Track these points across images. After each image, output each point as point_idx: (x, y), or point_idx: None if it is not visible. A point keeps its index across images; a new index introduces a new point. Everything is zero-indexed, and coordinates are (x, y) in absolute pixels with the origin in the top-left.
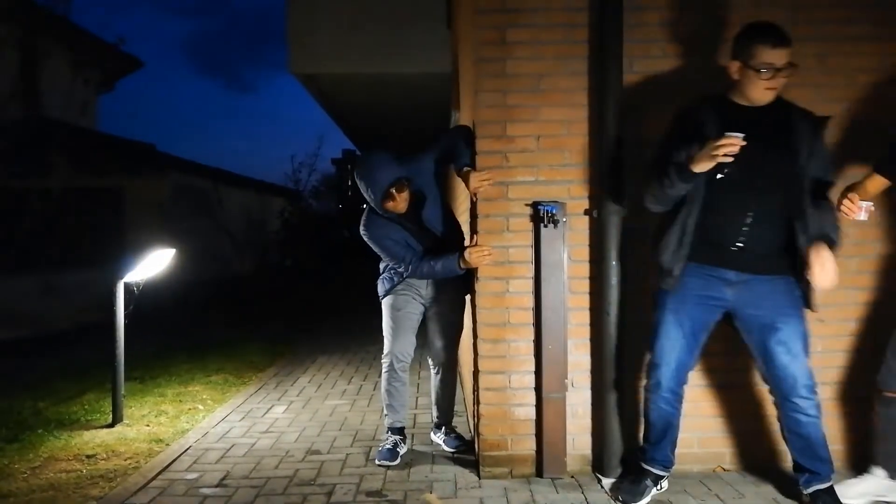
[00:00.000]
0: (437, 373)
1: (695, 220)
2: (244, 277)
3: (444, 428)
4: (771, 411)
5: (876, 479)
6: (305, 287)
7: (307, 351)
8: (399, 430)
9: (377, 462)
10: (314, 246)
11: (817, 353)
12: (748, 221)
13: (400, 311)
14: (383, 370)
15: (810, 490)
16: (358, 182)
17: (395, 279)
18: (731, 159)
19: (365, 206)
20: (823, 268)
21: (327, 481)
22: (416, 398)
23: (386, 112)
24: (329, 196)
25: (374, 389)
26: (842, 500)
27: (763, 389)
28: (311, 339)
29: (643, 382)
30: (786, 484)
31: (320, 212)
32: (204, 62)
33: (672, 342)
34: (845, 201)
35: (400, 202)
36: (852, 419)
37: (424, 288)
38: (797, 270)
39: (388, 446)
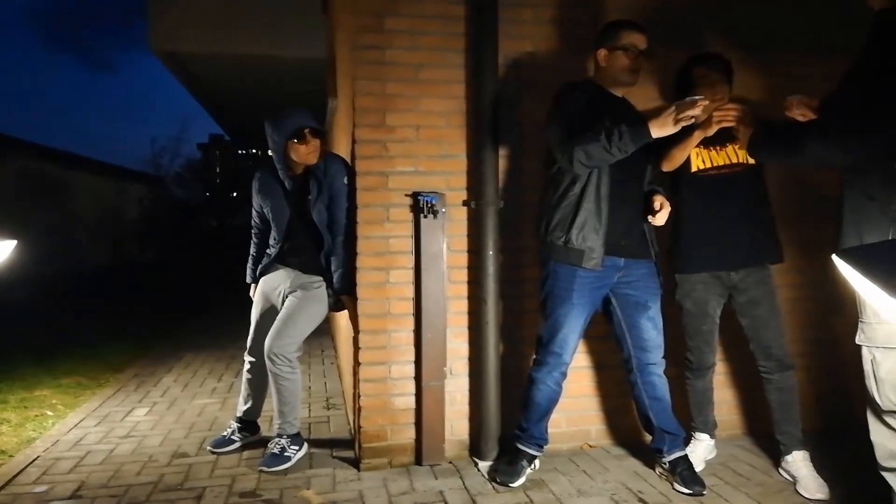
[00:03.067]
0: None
1: (608, 204)
2: (99, 271)
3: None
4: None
5: (702, 444)
6: (169, 280)
7: (172, 348)
8: (240, 420)
9: (207, 446)
10: (178, 236)
11: None
12: (630, 210)
13: (257, 298)
14: None
15: (672, 457)
16: (267, 126)
17: (265, 260)
18: (694, 121)
19: (258, 173)
20: (664, 211)
21: (196, 485)
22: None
23: (257, 96)
24: (194, 183)
25: None
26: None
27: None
28: (176, 336)
29: (529, 364)
30: (645, 457)
31: (184, 200)
32: (58, 39)
33: (574, 329)
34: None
35: (311, 149)
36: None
37: (286, 281)
38: (653, 254)
39: (223, 433)
